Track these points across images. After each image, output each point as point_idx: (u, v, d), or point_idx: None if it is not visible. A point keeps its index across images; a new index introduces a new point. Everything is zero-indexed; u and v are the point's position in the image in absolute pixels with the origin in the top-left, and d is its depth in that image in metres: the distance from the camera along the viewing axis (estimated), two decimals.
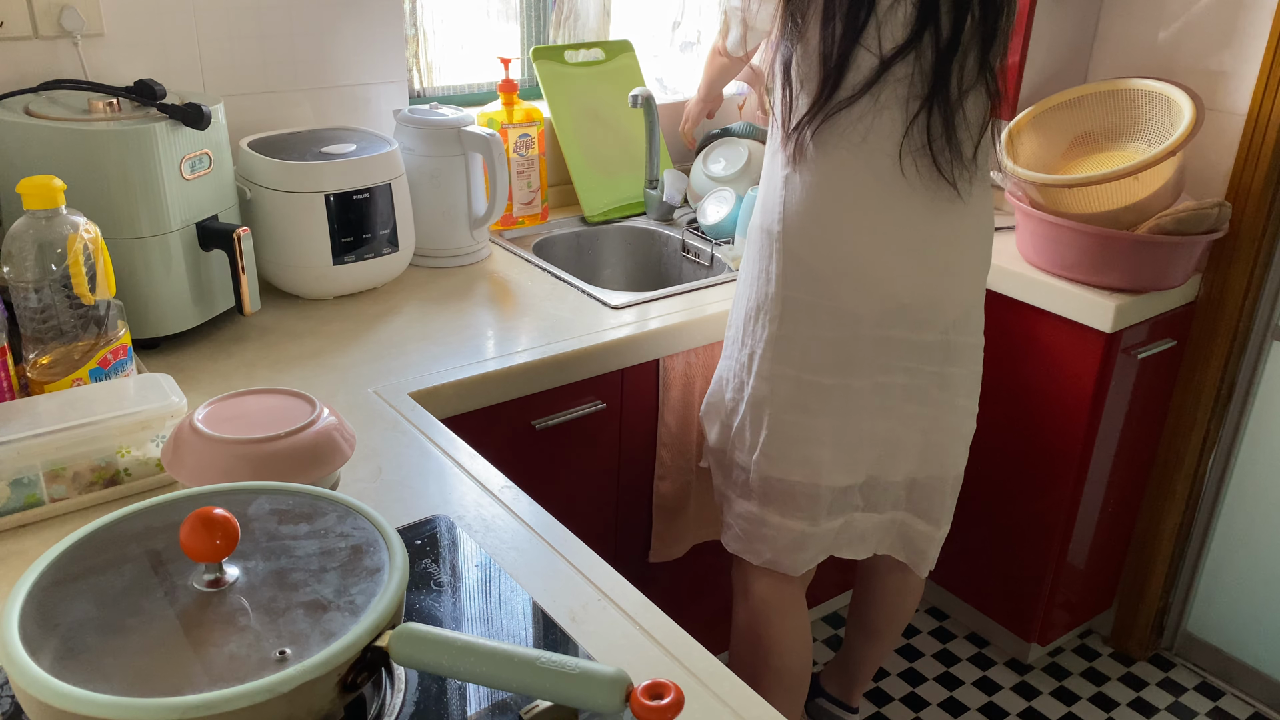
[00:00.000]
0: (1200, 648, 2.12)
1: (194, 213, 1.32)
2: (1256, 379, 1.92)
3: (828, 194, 1.30)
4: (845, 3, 1.23)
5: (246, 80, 1.60)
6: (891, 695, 2.03)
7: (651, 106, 1.93)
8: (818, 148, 1.29)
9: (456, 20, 1.96)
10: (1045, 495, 1.89)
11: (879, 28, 1.24)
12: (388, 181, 1.51)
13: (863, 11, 1.23)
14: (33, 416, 0.98)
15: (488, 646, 0.64)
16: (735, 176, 1.93)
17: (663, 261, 1.98)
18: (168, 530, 0.72)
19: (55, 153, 1.22)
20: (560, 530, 1.00)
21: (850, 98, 1.26)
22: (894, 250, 1.31)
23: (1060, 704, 2.03)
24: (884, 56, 1.25)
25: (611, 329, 1.49)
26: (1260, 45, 1.76)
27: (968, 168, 1.31)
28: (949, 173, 1.29)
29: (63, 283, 1.05)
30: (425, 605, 0.86)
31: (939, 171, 1.29)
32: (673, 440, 1.62)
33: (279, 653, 0.63)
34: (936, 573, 2.17)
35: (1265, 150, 1.76)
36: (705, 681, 0.81)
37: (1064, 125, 1.88)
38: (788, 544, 1.43)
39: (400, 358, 1.36)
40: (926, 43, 1.25)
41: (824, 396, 1.36)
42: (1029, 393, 1.85)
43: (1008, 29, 1.30)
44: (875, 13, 1.24)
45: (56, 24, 1.41)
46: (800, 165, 1.31)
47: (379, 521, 0.75)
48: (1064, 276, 1.75)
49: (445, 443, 1.15)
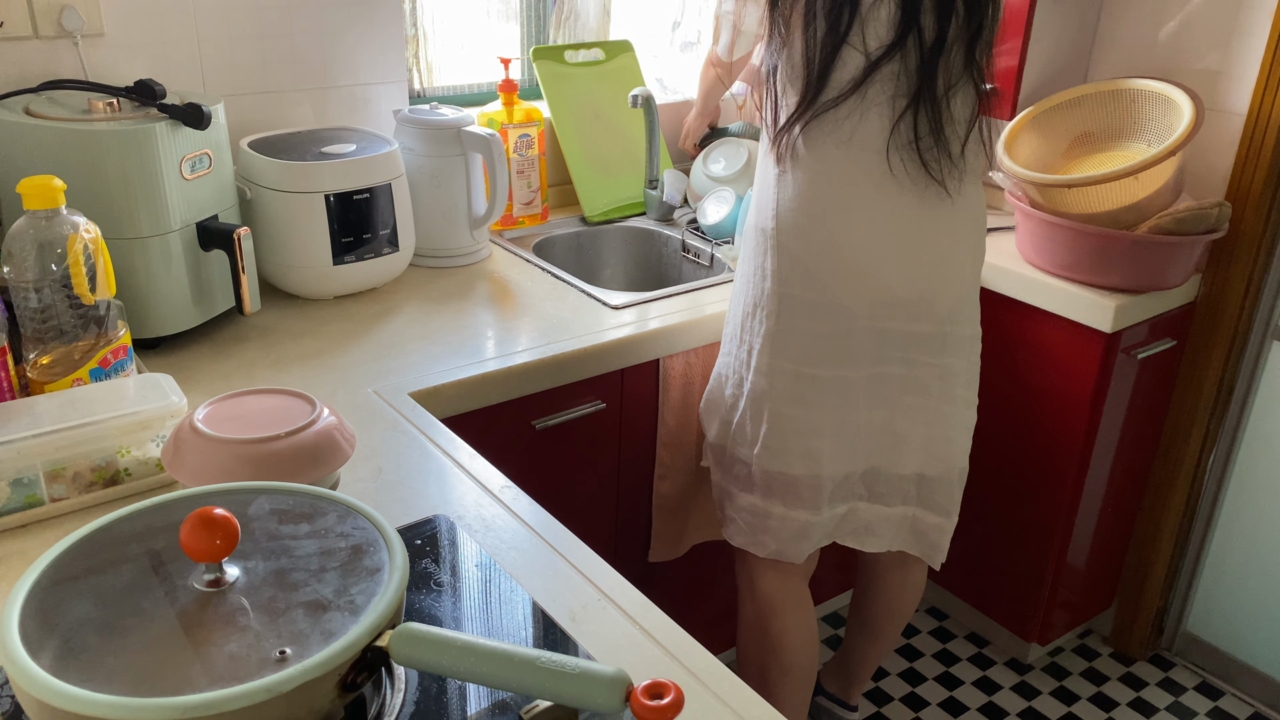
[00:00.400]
0: (1200, 648, 2.12)
1: (194, 213, 1.32)
2: (1256, 379, 1.92)
3: (818, 191, 1.32)
4: (827, 4, 1.25)
5: (246, 80, 1.61)
6: (891, 695, 2.03)
7: (651, 106, 1.93)
8: (807, 147, 1.31)
9: (456, 20, 1.96)
10: (1045, 495, 1.89)
11: (863, 27, 1.26)
12: (388, 181, 1.51)
13: (845, 12, 1.25)
14: (33, 416, 0.98)
15: (488, 646, 0.64)
16: (735, 176, 1.93)
17: (663, 261, 1.98)
18: (168, 530, 0.72)
19: (55, 153, 1.22)
20: (560, 530, 1.00)
21: (837, 97, 1.28)
22: (885, 245, 1.33)
23: (1060, 704, 2.03)
24: (870, 55, 1.26)
25: (611, 329, 1.49)
26: (1260, 45, 1.76)
27: (956, 164, 1.33)
28: (936, 170, 1.31)
29: (63, 283, 1.05)
30: (425, 605, 0.86)
31: (926, 169, 1.30)
32: (673, 440, 1.62)
33: (279, 653, 0.63)
34: (936, 573, 2.17)
35: (1265, 150, 1.76)
36: (705, 681, 0.81)
37: (1064, 125, 1.88)
38: (792, 534, 1.45)
39: (400, 358, 1.36)
40: (911, 41, 1.26)
41: (822, 389, 1.37)
42: (1029, 393, 1.85)
43: (994, 26, 1.31)
44: (859, 12, 1.25)
45: (56, 24, 1.41)
46: (790, 165, 1.33)
47: (379, 521, 0.75)
48: (1064, 276, 1.75)
49: (445, 443, 1.15)
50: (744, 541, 1.49)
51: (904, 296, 1.34)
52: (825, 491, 1.42)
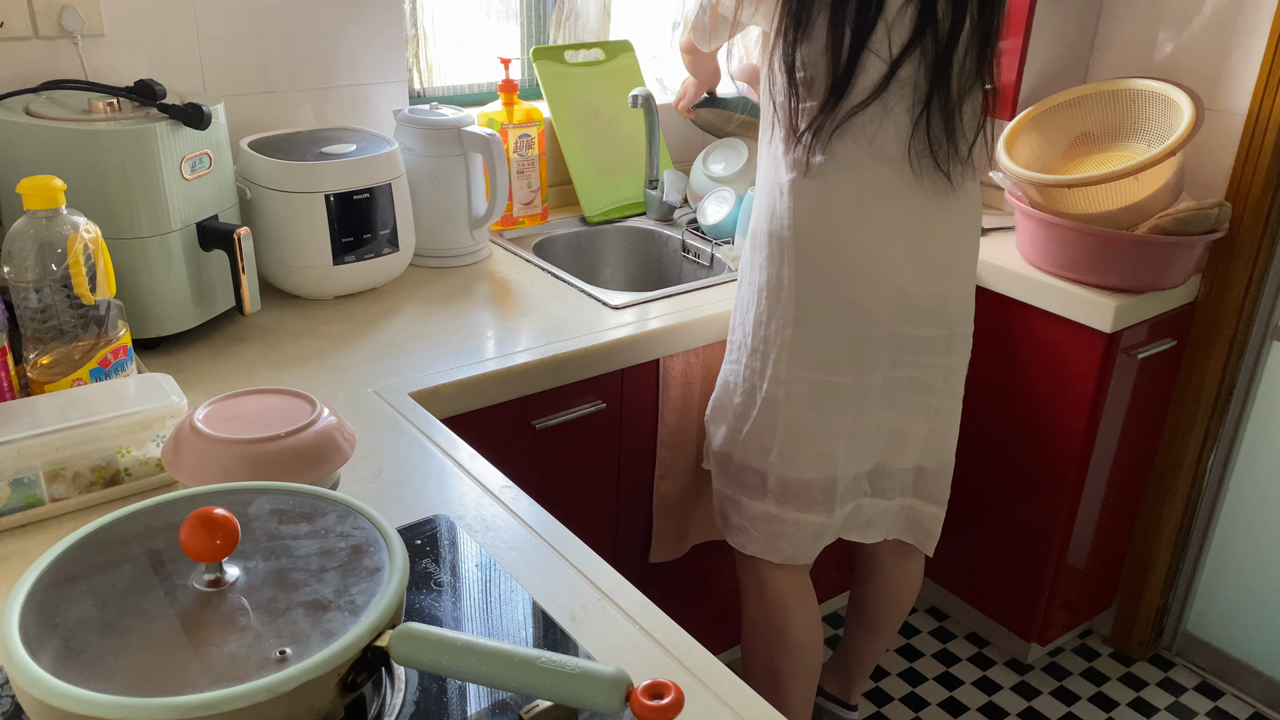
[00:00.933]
0: (1200, 648, 2.12)
1: (194, 213, 1.32)
2: (1256, 379, 1.92)
3: (839, 198, 1.32)
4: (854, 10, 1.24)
5: (246, 80, 1.61)
6: (891, 695, 2.03)
7: (651, 106, 1.93)
8: (829, 153, 1.31)
9: (456, 20, 1.96)
10: (1045, 495, 1.89)
11: (889, 32, 1.25)
12: (388, 181, 1.51)
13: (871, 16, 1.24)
14: (33, 416, 0.98)
15: (488, 646, 0.64)
16: (735, 176, 1.93)
17: (663, 261, 1.98)
18: (168, 530, 0.72)
19: (55, 153, 1.22)
20: (560, 530, 1.00)
21: (862, 103, 1.28)
22: (902, 249, 1.34)
23: (1060, 704, 2.03)
24: (892, 60, 1.26)
25: (611, 329, 1.49)
26: (1260, 45, 1.76)
27: (964, 164, 1.35)
28: (947, 170, 1.32)
29: (63, 283, 1.05)
30: (425, 605, 0.86)
31: (940, 170, 1.32)
32: (673, 440, 1.62)
33: (279, 653, 0.63)
34: (937, 573, 2.17)
35: (1265, 150, 1.76)
36: (705, 681, 0.81)
37: (1064, 125, 1.88)
38: (807, 537, 1.46)
39: (400, 358, 1.36)
40: (928, 44, 1.26)
41: (839, 395, 1.38)
42: (1029, 393, 1.85)
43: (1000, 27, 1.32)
44: (884, 17, 1.24)
45: (57, 24, 1.41)
46: (808, 171, 1.32)
47: (379, 521, 0.75)
48: (1064, 276, 1.75)
49: (445, 443, 1.15)
50: (758, 549, 1.49)
51: (919, 301, 1.36)
52: (839, 493, 1.44)
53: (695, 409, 1.62)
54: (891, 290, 1.34)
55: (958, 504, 1.83)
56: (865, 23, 1.25)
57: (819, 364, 1.37)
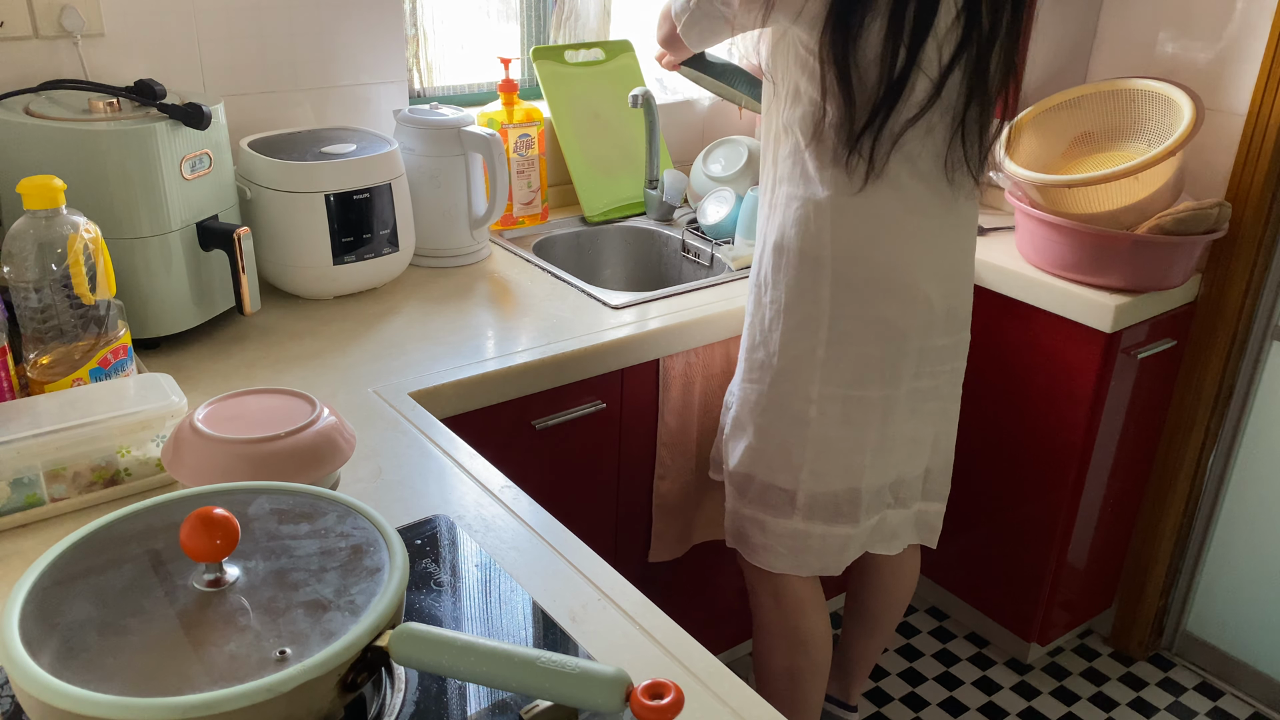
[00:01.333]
0: (1200, 648, 2.12)
1: (194, 213, 1.32)
2: (1256, 379, 1.92)
3: (881, 218, 1.31)
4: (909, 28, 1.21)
5: (246, 80, 1.61)
6: (891, 695, 2.03)
7: (651, 106, 1.93)
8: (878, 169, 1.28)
9: (456, 20, 1.96)
10: (1045, 495, 1.89)
11: (939, 49, 1.24)
12: (388, 181, 1.51)
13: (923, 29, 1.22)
14: (33, 416, 0.98)
15: (488, 646, 0.64)
16: (735, 176, 1.93)
17: (663, 261, 1.98)
18: (168, 530, 0.72)
19: (55, 153, 1.22)
20: (560, 530, 1.00)
21: (913, 118, 1.26)
22: (929, 263, 1.35)
23: (1060, 704, 2.03)
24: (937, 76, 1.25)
25: (611, 329, 1.49)
26: (1260, 45, 1.76)
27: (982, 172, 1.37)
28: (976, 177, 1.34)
29: (63, 283, 1.05)
30: (425, 605, 0.86)
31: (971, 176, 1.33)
32: (673, 440, 1.62)
33: (279, 652, 0.63)
34: (936, 573, 2.17)
35: (1265, 150, 1.76)
36: (705, 681, 0.81)
37: (1064, 125, 1.88)
38: (835, 550, 1.47)
39: (400, 358, 1.36)
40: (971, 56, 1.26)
41: (868, 409, 1.39)
42: (1029, 393, 1.85)
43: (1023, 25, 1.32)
44: (934, 34, 1.23)
45: (56, 24, 1.41)
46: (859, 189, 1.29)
47: (379, 521, 0.75)
48: (1064, 276, 1.75)
49: (445, 443, 1.15)
50: (785, 566, 1.49)
51: (940, 311, 1.37)
52: (863, 504, 1.44)
53: (695, 409, 1.62)
54: (921, 305, 1.35)
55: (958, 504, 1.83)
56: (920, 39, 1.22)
57: (852, 381, 1.37)
